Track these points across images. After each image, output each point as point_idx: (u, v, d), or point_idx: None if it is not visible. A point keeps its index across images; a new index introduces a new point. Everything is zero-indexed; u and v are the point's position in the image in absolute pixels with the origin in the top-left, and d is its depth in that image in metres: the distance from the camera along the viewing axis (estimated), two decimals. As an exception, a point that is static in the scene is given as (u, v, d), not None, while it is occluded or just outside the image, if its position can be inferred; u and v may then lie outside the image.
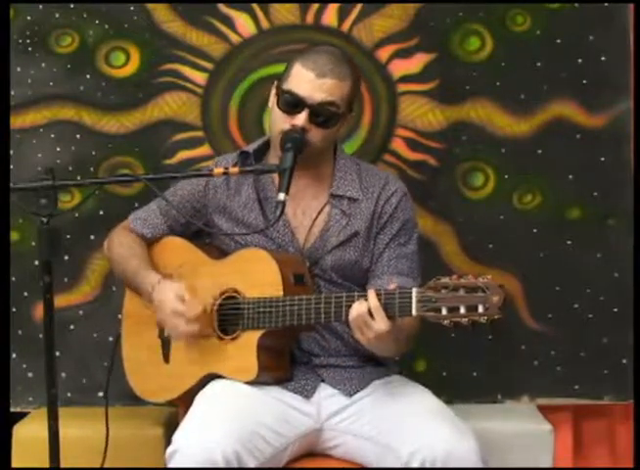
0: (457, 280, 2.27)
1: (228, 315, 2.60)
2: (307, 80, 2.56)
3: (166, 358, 2.70)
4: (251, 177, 2.70)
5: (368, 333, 2.36)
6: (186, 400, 2.62)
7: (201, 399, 2.55)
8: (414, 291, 2.31)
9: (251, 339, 2.54)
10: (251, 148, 2.72)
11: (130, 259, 2.72)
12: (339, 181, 2.68)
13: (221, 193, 2.73)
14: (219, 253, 2.71)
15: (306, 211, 2.68)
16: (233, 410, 2.46)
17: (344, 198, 2.67)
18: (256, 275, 2.58)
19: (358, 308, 2.36)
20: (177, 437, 2.40)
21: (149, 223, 2.79)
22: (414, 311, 2.30)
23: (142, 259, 2.72)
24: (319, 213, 2.67)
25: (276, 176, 2.59)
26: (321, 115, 2.57)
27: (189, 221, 2.74)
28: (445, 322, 2.26)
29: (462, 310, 2.25)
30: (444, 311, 2.26)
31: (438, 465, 2.34)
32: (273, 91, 2.66)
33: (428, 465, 2.35)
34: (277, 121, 2.61)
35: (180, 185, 2.78)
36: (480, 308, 2.24)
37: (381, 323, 2.34)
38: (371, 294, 2.36)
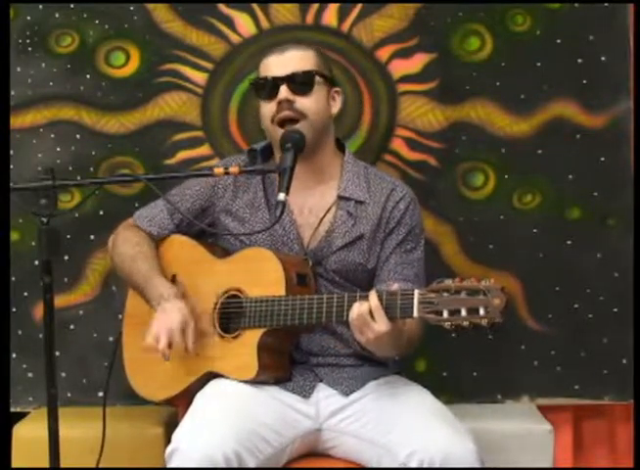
0: (459, 283, 2.27)
1: (230, 314, 2.60)
2: (273, 62, 2.65)
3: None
4: (260, 177, 2.70)
5: (368, 333, 2.36)
6: (185, 399, 2.62)
7: (200, 398, 2.55)
8: (416, 292, 2.31)
9: (252, 337, 2.54)
10: (258, 146, 2.71)
11: (137, 260, 2.70)
12: (346, 183, 2.69)
13: (230, 192, 2.73)
14: (224, 252, 2.72)
15: (313, 209, 2.69)
16: (233, 410, 2.46)
17: (351, 200, 2.68)
18: (260, 274, 2.58)
19: (359, 308, 2.36)
20: (177, 436, 2.41)
21: (156, 222, 2.78)
22: (415, 313, 2.30)
23: (152, 264, 2.69)
24: (326, 213, 2.67)
25: None
26: (298, 81, 2.61)
27: (195, 220, 2.74)
28: (446, 325, 2.26)
29: (463, 313, 2.24)
30: (445, 314, 2.26)
31: (436, 467, 2.34)
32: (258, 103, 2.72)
33: (425, 467, 2.34)
34: (266, 113, 2.65)
35: (188, 184, 2.78)
36: (482, 311, 2.23)
37: (381, 324, 2.34)
38: (372, 294, 2.36)
